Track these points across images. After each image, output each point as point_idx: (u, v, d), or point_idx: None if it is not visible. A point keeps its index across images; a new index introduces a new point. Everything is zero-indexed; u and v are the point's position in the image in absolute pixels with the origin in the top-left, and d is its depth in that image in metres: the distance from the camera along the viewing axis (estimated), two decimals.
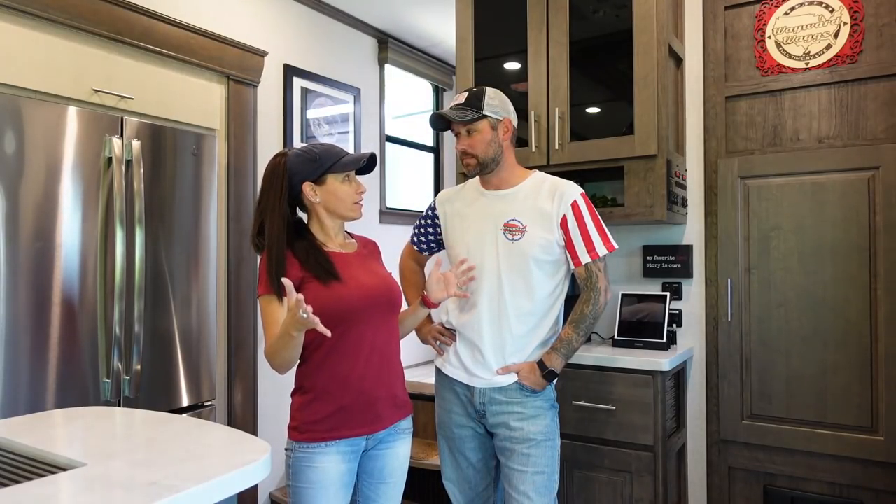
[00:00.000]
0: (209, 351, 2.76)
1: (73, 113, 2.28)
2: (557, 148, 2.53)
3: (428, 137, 4.70)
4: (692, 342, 2.69)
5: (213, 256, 2.79)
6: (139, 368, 2.44)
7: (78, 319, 2.28)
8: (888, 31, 2.32)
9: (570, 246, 1.86)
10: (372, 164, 1.73)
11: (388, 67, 4.11)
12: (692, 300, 2.69)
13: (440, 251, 2.14)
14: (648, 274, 2.76)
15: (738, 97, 2.57)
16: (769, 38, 2.51)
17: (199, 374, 2.71)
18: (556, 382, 1.95)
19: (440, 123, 1.93)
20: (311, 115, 3.47)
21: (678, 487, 2.59)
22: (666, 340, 2.53)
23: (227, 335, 2.97)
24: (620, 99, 2.50)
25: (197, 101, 2.84)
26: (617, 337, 2.61)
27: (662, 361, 2.28)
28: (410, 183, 4.53)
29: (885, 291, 2.26)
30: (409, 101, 4.54)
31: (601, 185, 2.75)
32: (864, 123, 2.36)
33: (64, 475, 1.14)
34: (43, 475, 1.16)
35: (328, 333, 1.44)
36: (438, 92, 4.74)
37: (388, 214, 4.03)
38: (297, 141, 3.38)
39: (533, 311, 1.88)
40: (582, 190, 1.89)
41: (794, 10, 2.47)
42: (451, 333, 1.99)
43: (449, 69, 4.66)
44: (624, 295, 2.70)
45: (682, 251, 2.69)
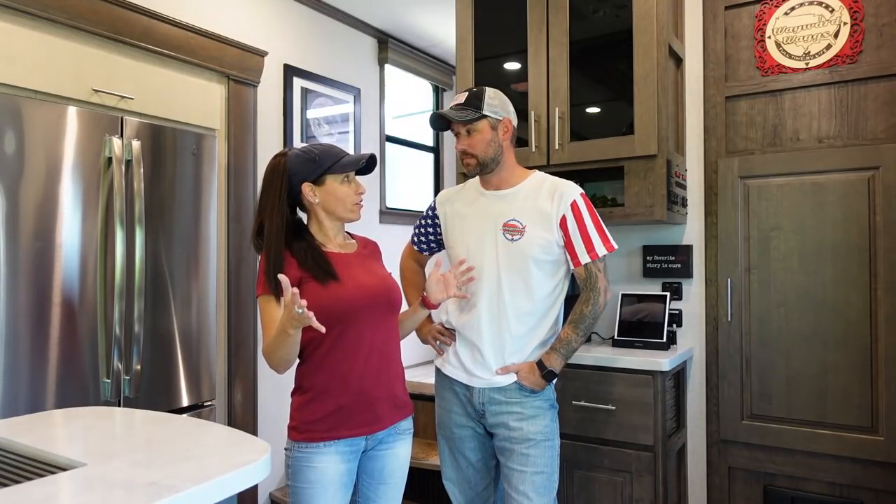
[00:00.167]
0: (209, 351, 2.76)
1: (73, 113, 2.28)
2: (557, 148, 2.53)
3: (428, 137, 4.70)
4: (692, 342, 2.69)
5: (213, 256, 2.79)
6: (139, 368, 2.44)
7: (78, 319, 2.28)
8: (888, 31, 2.32)
9: (569, 246, 1.86)
10: (371, 164, 1.73)
11: (388, 67, 4.11)
12: (692, 300, 2.69)
13: (440, 251, 2.14)
14: (648, 274, 2.76)
15: (738, 97, 2.57)
16: (769, 38, 2.51)
17: (199, 374, 2.71)
18: (555, 382, 1.95)
19: (440, 123, 1.93)
20: (311, 115, 3.47)
21: (678, 487, 2.59)
22: (666, 340, 2.53)
23: (227, 335, 2.97)
24: (620, 99, 2.50)
25: (197, 101, 2.84)
26: (617, 337, 2.61)
27: (662, 361, 2.28)
28: (410, 183, 4.53)
29: (885, 291, 2.26)
30: (409, 101, 4.54)
31: (601, 185, 2.75)
32: (864, 123, 2.36)
33: (64, 475, 1.14)
34: (43, 475, 1.16)
35: (322, 329, 1.44)
36: (438, 92, 4.74)
37: (388, 214, 4.03)
38: (297, 141, 3.38)
39: (532, 311, 1.88)
40: (581, 190, 1.89)
41: (794, 10, 2.47)
42: (450, 333, 1.99)
43: (449, 69, 4.66)
44: (624, 295, 2.70)
45: (682, 251, 2.69)
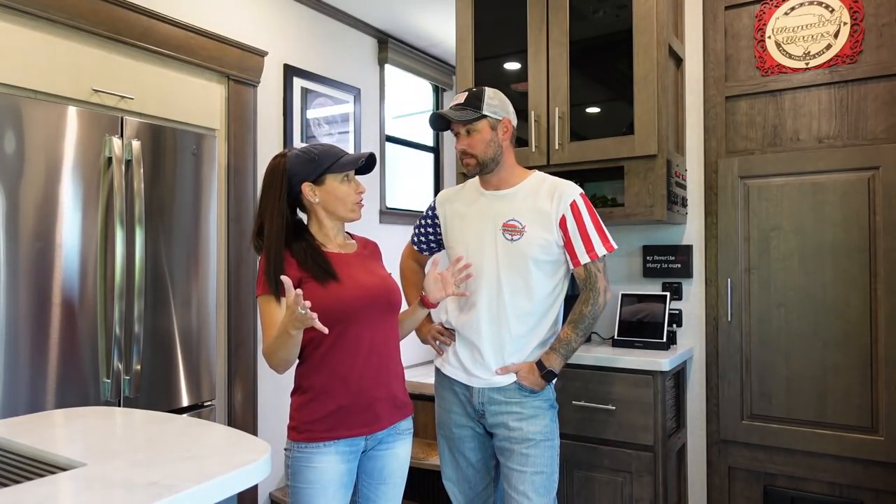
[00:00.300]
0: (209, 351, 2.76)
1: (73, 113, 2.28)
2: (557, 148, 2.53)
3: (428, 137, 4.70)
4: (692, 342, 2.69)
5: (213, 256, 2.79)
6: (139, 368, 2.44)
7: (78, 319, 2.28)
8: (888, 31, 2.32)
9: (569, 246, 1.86)
10: (371, 164, 1.73)
11: (388, 67, 4.11)
12: (692, 300, 2.69)
13: (440, 251, 2.14)
14: (648, 274, 2.76)
15: (738, 97, 2.57)
16: (769, 38, 2.51)
17: (199, 374, 2.71)
18: (555, 382, 1.95)
19: (440, 123, 1.92)
20: (311, 115, 3.47)
21: (678, 487, 2.59)
22: (666, 340, 2.53)
23: (227, 335, 2.97)
24: (620, 99, 2.50)
25: (197, 101, 2.84)
26: (617, 337, 2.61)
27: (662, 361, 2.28)
28: (410, 183, 4.53)
29: (885, 291, 2.26)
30: (409, 101, 4.54)
31: (601, 185, 2.75)
32: (864, 123, 2.36)
33: (64, 475, 1.14)
34: (43, 475, 1.16)
35: (325, 330, 1.44)
36: (438, 92, 4.74)
37: (388, 214, 4.03)
38: (297, 141, 3.38)
39: (532, 311, 1.88)
40: (581, 190, 1.89)
41: (794, 10, 2.47)
42: (450, 333, 1.99)
43: (449, 69, 4.66)
44: (624, 295, 2.70)
45: (682, 251, 2.69)
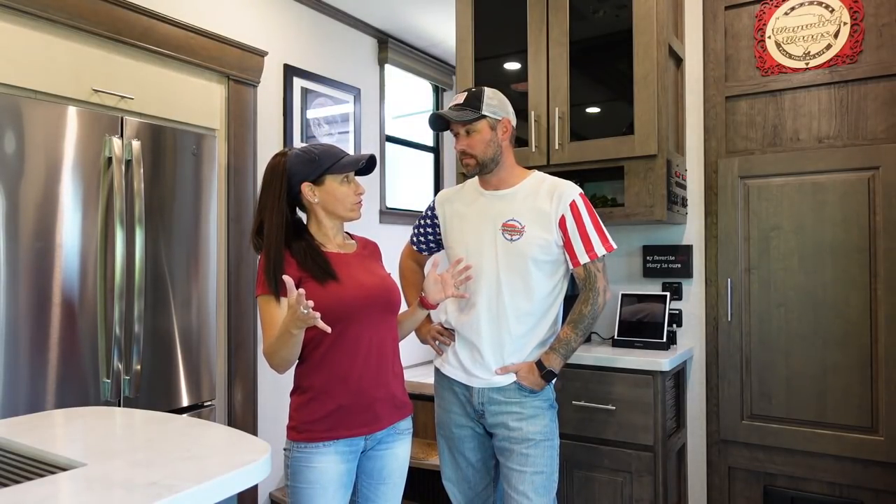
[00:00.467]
0: (209, 351, 2.76)
1: (73, 113, 2.28)
2: (557, 148, 2.53)
3: (428, 137, 4.70)
4: (692, 342, 2.69)
5: (213, 256, 2.79)
6: (139, 368, 2.44)
7: (78, 319, 2.28)
8: (888, 31, 2.32)
9: (568, 246, 1.85)
10: (371, 165, 1.73)
11: (388, 67, 4.11)
12: (692, 300, 2.69)
13: (440, 251, 2.14)
14: (648, 274, 2.76)
15: (738, 97, 2.57)
16: (769, 38, 2.51)
17: (199, 374, 2.71)
18: (555, 382, 1.95)
19: (439, 124, 1.92)
20: (311, 115, 3.47)
21: (678, 487, 2.59)
22: (666, 340, 2.53)
23: (227, 335, 2.97)
24: (620, 99, 2.50)
25: (197, 101, 2.84)
26: (617, 337, 2.61)
27: (662, 361, 2.28)
28: (410, 183, 4.53)
29: (885, 291, 2.26)
30: (409, 101, 4.54)
31: (601, 185, 2.75)
32: (864, 123, 2.36)
33: (64, 475, 1.14)
34: (43, 475, 1.16)
35: (328, 329, 1.44)
36: (438, 92, 4.74)
37: (388, 214, 4.03)
38: (297, 141, 3.38)
39: (532, 311, 1.88)
40: (580, 190, 1.89)
41: (794, 10, 2.47)
42: (450, 333, 1.99)
43: (449, 69, 4.66)
44: (624, 295, 2.70)
45: (682, 251, 2.69)
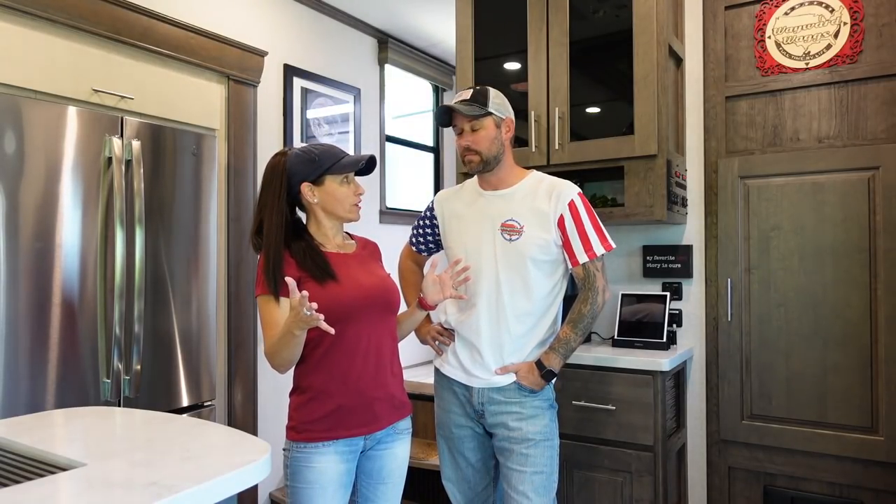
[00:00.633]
0: (209, 351, 2.76)
1: (73, 113, 2.28)
2: (557, 148, 2.53)
3: (428, 137, 4.70)
4: (692, 342, 2.69)
5: (213, 256, 2.79)
6: (139, 368, 2.44)
7: (78, 319, 2.28)
8: (888, 31, 2.32)
9: (567, 246, 1.85)
10: (371, 165, 1.73)
11: (388, 67, 4.11)
12: (692, 300, 2.69)
13: (439, 252, 2.13)
14: (648, 274, 2.76)
15: (738, 97, 2.57)
16: (769, 38, 2.51)
17: (199, 374, 2.71)
18: (555, 382, 1.95)
19: (445, 118, 1.92)
20: (311, 115, 3.47)
21: (678, 487, 2.59)
22: (666, 340, 2.53)
23: (227, 335, 2.97)
24: (620, 99, 2.50)
25: (197, 101, 2.84)
26: (617, 337, 2.61)
27: (662, 361, 2.28)
28: (410, 183, 4.53)
29: (885, 291, 2.26)
30: (409, 101, 4.54)
31: (601, 185, 2.75)
32: (864, 123, 2.36)
33: (64, 475, 1.14)
34: (43, 475, 1.16)
35: (331, 331, 1.44)
36: (438, 92, 4.74)
37: (388, 214, 4.03)
38: (297, 141, 3.38)
39: (531, 310, 1.88)
40: (579, 190, 1.89)
41: (794, 10, 2.47)
42: (449, 333, 1.99)
43: (449, 69, 4.66)
44: (624, 295, 2.70)
45: (682, 251, 2.69)
